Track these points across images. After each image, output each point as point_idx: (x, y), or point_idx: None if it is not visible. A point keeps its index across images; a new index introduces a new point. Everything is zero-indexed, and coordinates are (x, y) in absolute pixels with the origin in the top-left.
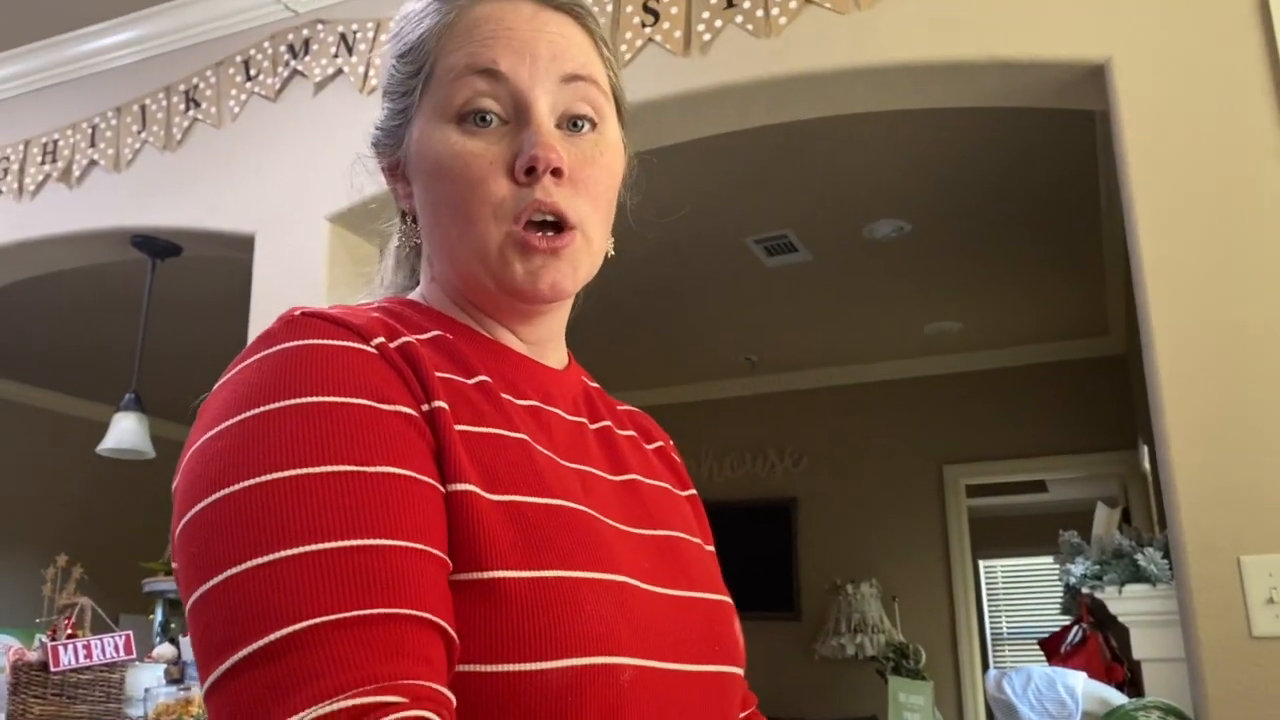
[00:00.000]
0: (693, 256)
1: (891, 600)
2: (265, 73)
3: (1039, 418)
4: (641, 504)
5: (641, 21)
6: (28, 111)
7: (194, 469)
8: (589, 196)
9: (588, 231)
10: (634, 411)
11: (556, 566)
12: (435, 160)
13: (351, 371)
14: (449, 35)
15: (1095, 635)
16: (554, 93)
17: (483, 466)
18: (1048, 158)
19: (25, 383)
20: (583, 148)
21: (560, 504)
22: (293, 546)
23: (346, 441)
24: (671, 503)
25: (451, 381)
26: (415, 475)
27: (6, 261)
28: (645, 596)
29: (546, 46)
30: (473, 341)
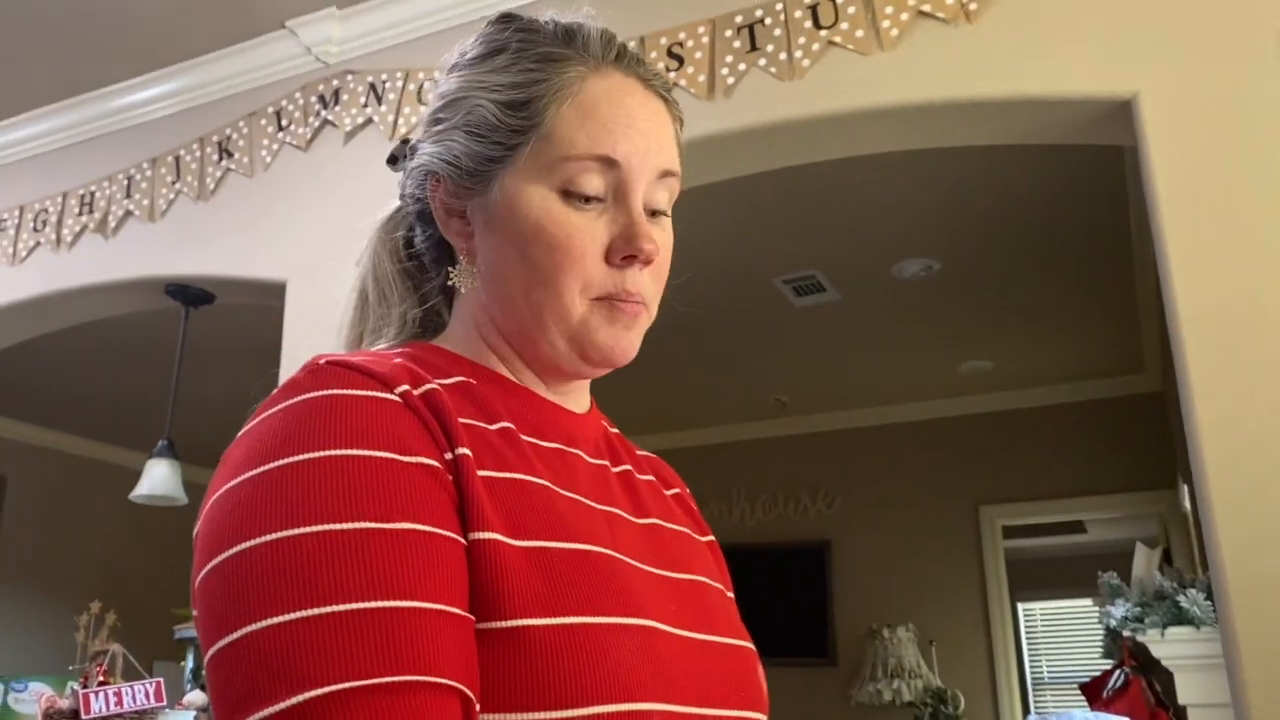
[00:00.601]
0: (721, 297)
1: (929, 645)
2: (296, 123)
3: (1075, 457)
4: (665, 547)
5: (666, 66)
6: (66, 165)
7: (216, 518)
8: (658, 279)
9: (651, 309)
10: (652, 457)
11: (582, 613)
12: (534, 224)
13: (374, 422)
14: (570, 105)
15: (1138, 680)
16: (650, 185)
17: (506, 513)
18: (1078, 192)
19: (61, 430)
20: (661, 235)
21: (586, 548)
22: (315, 606)
23: (368, 497)
24: (693, 547)
25: (474, 427)
26: (436, 530)
27: (45, 311)
28: (671, 640)
29: (655, 140)
30: (497, 386)
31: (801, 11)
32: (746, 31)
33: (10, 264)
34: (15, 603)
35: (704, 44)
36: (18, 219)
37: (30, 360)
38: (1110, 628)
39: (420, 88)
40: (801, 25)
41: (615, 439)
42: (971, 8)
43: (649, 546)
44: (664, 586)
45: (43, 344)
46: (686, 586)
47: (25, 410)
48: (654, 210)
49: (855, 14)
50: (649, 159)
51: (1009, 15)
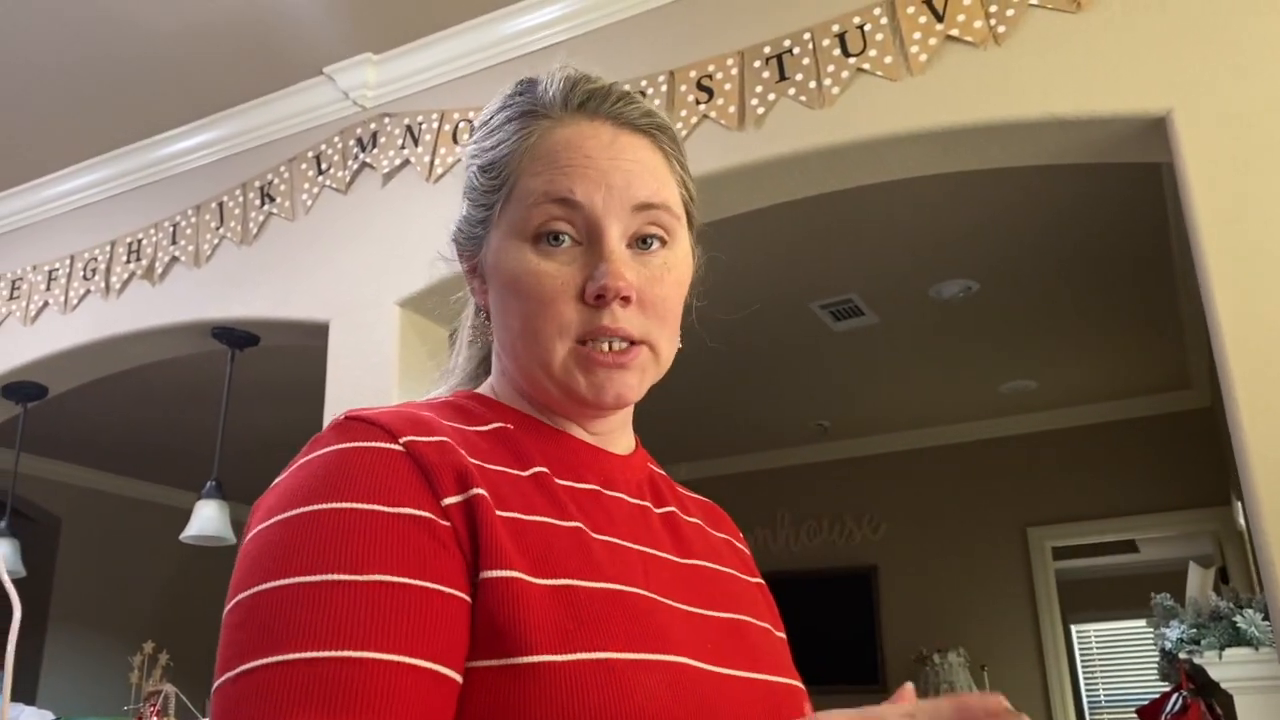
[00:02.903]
0: (759, 324)
1: (980, 669)
2: (336, 166)
3: (1124, 475)
4: (707, 586)
5: (696, 99)
6: (113, 214)
7: (236, 568)
8: (657, 315)
9: (656, 345)
10: (704, 501)
11: (608, 649)
12: (510, 274)
13: (366, 475)
14: (529, 158)
15: (1196, 703)
16: (625, 220)
17: (532, 552)
18: (1117, 209)
19: (113, 472)
20: (652, 267)
21: (615, 588)
22: (273, 654)
23: (342, 549)
24: (739, 587)
25: (502, 473)
26: (410, 581)
27: (95, 357)
28: (705, 677)
29: (621, 176)
30: (535, 432)
31: (829, 40)
32: (775, 62)
33: (62, 312)
34: (70, 643)
35: (733, 75)
36: (69, 268)
37: (83, 404)
38: (1166, 650)
39: (455, 128)
40: (830, 53)
41: (661, 480)
42: (1000, 30)
43: (690, 586)
44: (704, 625)
45: (95, 389)
46: (729, 625)
47: (79, 453)
48: (646, 237)
49: (883, 41)
50: (615, 194)
51: (1037, 37)
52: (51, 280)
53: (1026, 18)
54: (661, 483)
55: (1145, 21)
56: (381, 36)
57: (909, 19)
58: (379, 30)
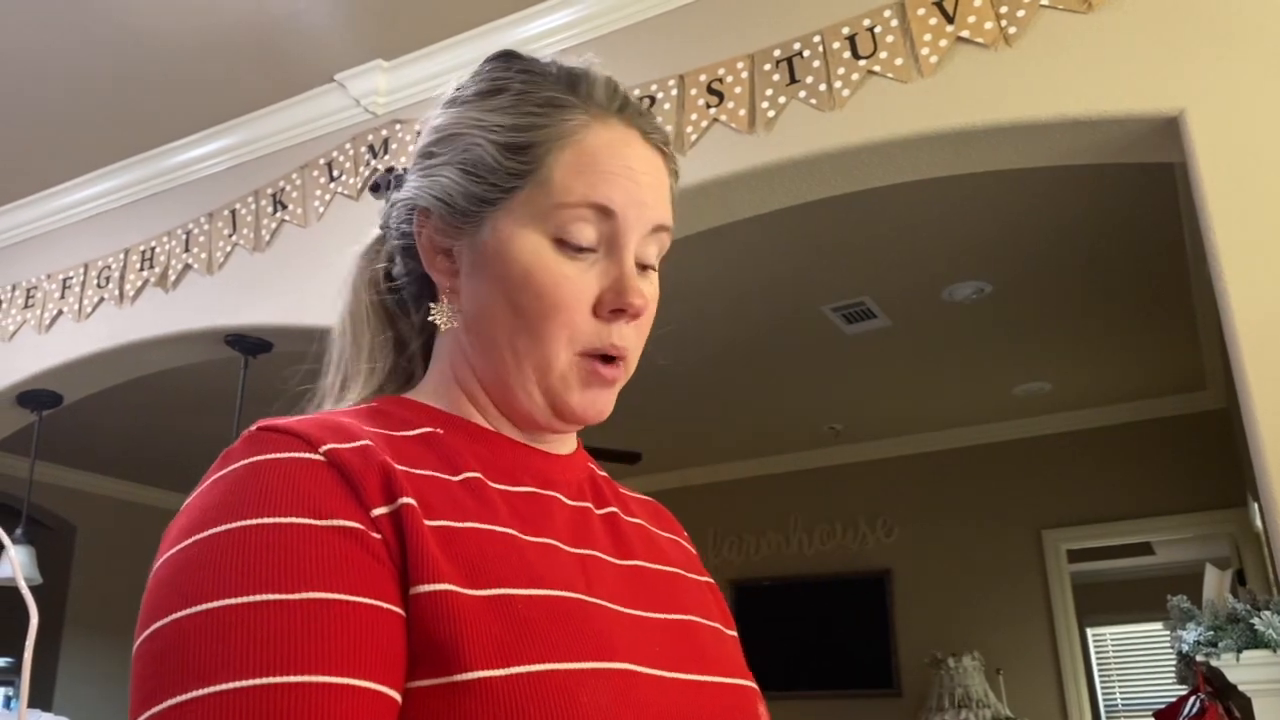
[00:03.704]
0: (771, 327)
1: (996, 673)
2: (347, 173)
3: (1139, 477)
4: (650, 588)
5: (706, 103)
6: (127, 222)
7: (146, 595)
8: (641, 333)
9: (630, 364)
10: (646, 500)
11: (547, 659)
12: (524, 269)
13: (290, 486)
14: (570, 152)
15: (1214, 706)
16: (642, 239)
17: (464, 562)
18: (1130, 209)
19: (126, 479)
20: (647, 290)
21: (553, 594)
22: (201, 686)
23: (270, 568)
24: (685, 586)
25: (431, 479)
26: (344, 597)
27: (110, 364)
28: (652, 682)
29: (651, 194)
30: (465, 434)
31: (840, 42)
32: (785, 64)
33: (77, 320)
34: (86, 649)
35: (743, 79)
36: (83, 276)
37: (97, 412)
38: (1183, 653)
39: None
40: (840, 56)
41: (602, 481)
42: (1010, 31)
43: (632, 588)
44: (647, 628)
45: (109, 396)
46: (676, 626)
47: (94, 461)
48: (643, 265)
49: (893, 43)
50: (644, 212)
51: (1048, 37)
52: (66, 288)
53: (1037, 18)
54: (603, 483)
55: (1157, 21)
56: (392, 43)
57: (919, 20)
58: (389, 37)
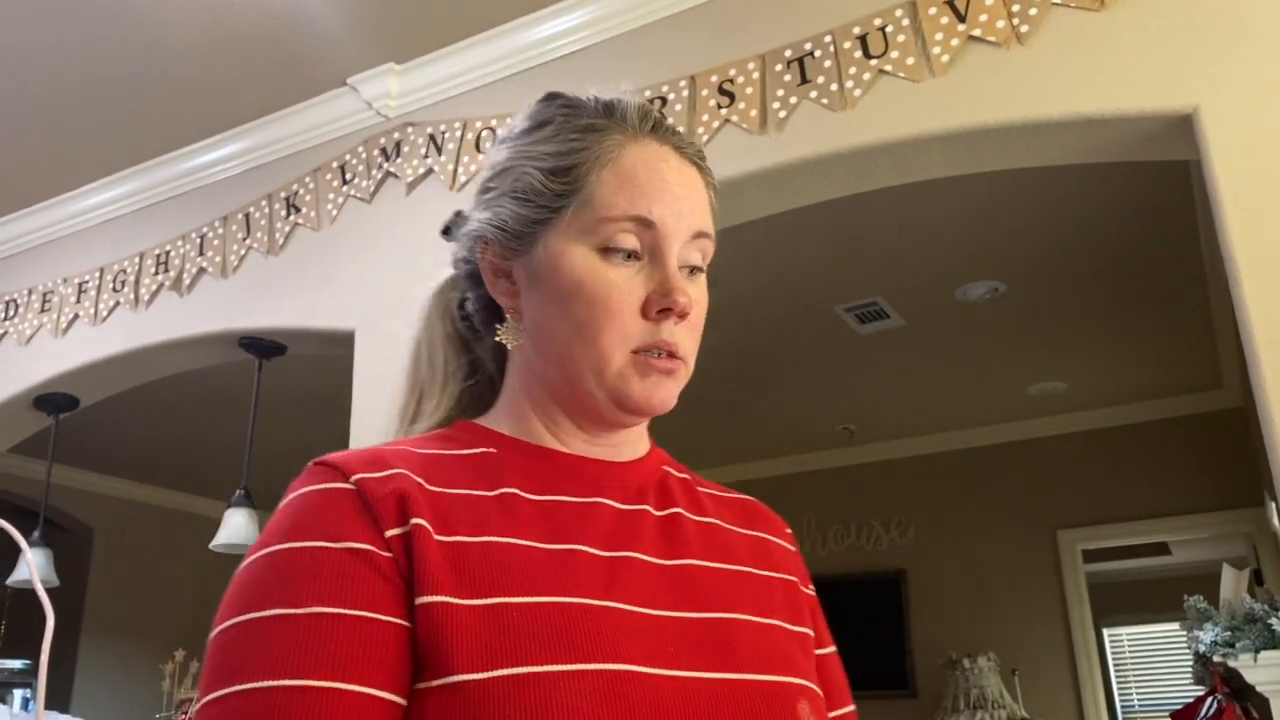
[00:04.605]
0: (784, 328)
1: (1011, 674)
2: (360, 176)
3: (1155, 477)
4: (691, 587)
5: (717, 104)
6: (141, 226)
7: (222, 600)
8: (694, 333)
9: (689, 362)
10: (737, 500)
11: (529, 663)
12: (575, 280)
13: (314, 514)
14: (609, 170)
15: (1231, 706)
16: (685, 245)
17: (468, 574)
18: (1144, 207)
19: (144, 481)
20: (696, 291)
21: (551, 600)
22: (234, 684)
23: (284, 586)
24: (741, 583)
25: (463, 496)
26: (342, 611)
27: (125, 368)
28: (648, 681)
29: (688, 203)
30: (518, 453)
31: (851, 42)
32: (796, 65)
33: (93, 324)
34: (103, 651)
35: (754, 79)
36: (98, 280)
37: (114, 415)
38: (1200, 653)
39: (478, 137)
40: (851, 55)
41: (677, 483)
42: (1023, 30)
43: (668, 587)
44: (668, 627)
45: (125, 399)
46: (705, 625)
47: (110, 463)
48: (690, 267)
49: (905, 42)
50: (683, 220)
51: (1060, 36)
52: (82, 293)
53: (1049, 16)
54: (677, 485)
55: (1170, 18)
56: (404, 46)
57: (931, 20)
58: (401, 40)
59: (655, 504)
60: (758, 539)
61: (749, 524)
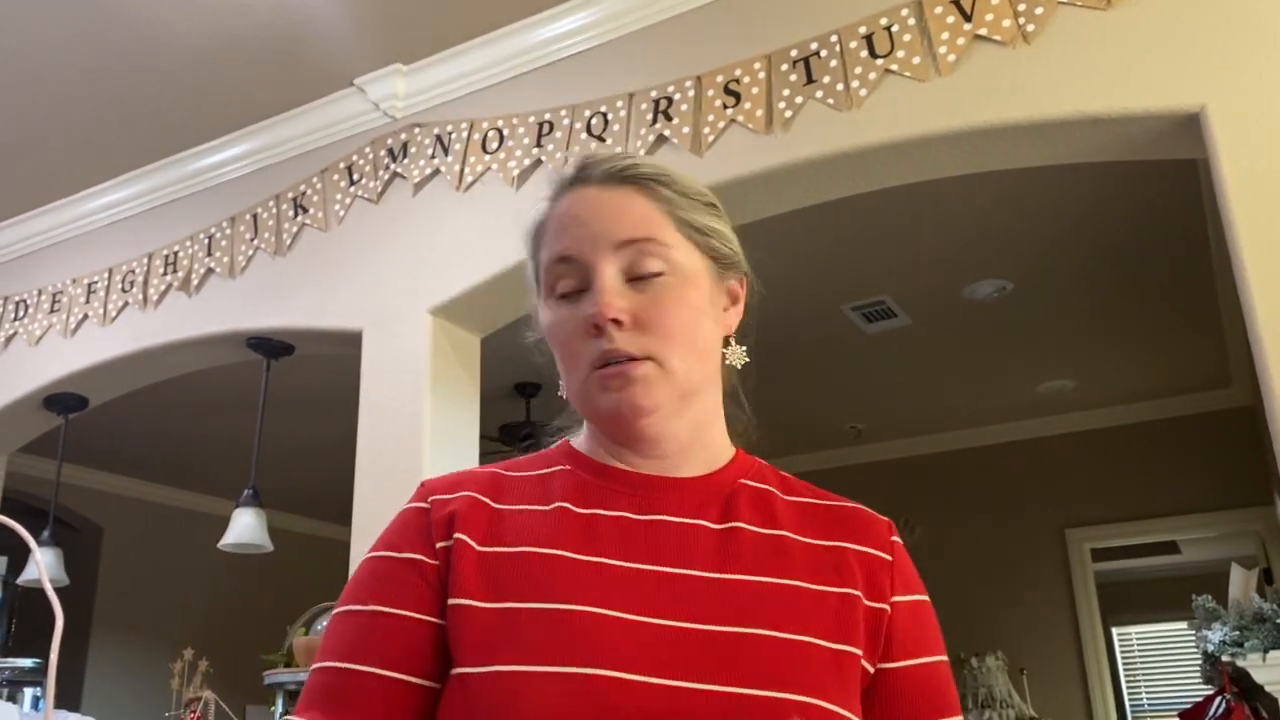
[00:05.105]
0: (791, 327)
1: (1019, 673)
2: (367, 176)
3: (1164, 475)
4: (722, 601)
5: (723, 104)
6: (150, 227)
7: None
8: (660, 333)
9: (665, 362)
10: (825, 508)
11: (515, 662)
12: (549, 330)
13: (394, 529)
14: (544, 233)
15: (1240, 706)
16: (614, 258)
17: (495, 580)
18: (1151, 206)
19: (154, 481)
20: (652, 293)
21: (558, 607)
22: (313, 663)
23: (360, 587)
24: (780, 599)
25: (516, 511)
26: (392, 610)
27: (134, 368)
28: (623, 687)
29: (600, 223)
30: (585, 468)
31: (856, 42)
32: (802, 64)
33: (102, 324)
34: (113, 650)
35: (760, 79)
36: (107, 280)
37: (123, 415)
38: (1208, 652)
39: (484, 137)
40: (857, 55)
41: (752, 495)
42: (1028, 29)
43: (693, 600)
44: (674, 638)
45: (134, 399)
46: (717, 638)
47: (119, 463)
48: (640, 276)
49: (911, 41)
50: (598, 241)
51: (1066, 35)
52: (91, 293)
53: (1055, 15)
54: (749, 497)
55: (1176, 17)
56: (410, 47)
57: (937, 19)
58: (408, 41)
59: (716, 518)
60: (832, 549)
61: (832, 534)
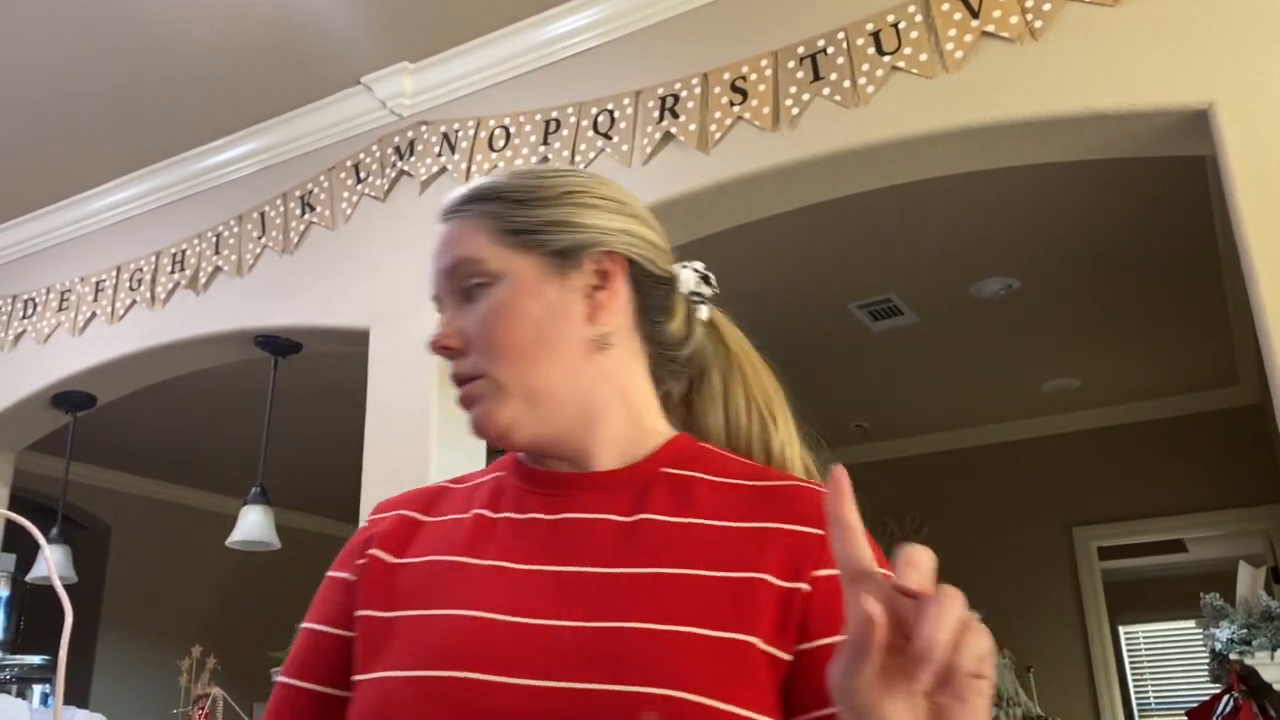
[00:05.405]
0: (796, 324)
1: (1026, 671)
2: (374, 174)
3: (1171, 474)
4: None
5: (730, 101)
6: (157, 225)
7: None
8: (485, 349)
9: (495, 376)
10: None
11: (387, 669)
12: None
13: (344, 549)
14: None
15: (1248, 704)
16: (449, 288)
17: (394, 591)
18: (1159, 203)
19: (159, 479)
20: (476, 310)
21: (434, 613)
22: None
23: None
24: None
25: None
26: (316, 626)
27: (142, 366)
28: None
29: (436, 260)
30: (515, 474)
31: (864, 39)
32: (809, 61)
33: (110, 322)
34: (121, 647)
35: (767, 76)
36: (115, 279)
37: (130, 413)
38: (1216, 651)
39: (491, 135)
40: (864, 52)
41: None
42: (1036, 25)
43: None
44: (541, 637)
45: (142, 397)
46: (584, 636)
47: (127, 461)
48: (470, 299)
49: (918, 38)
50: (436, 277)
51: (1074, 31)
52: (99, 291)
53: (1063, 12)
54: (662, 485)
55: (1185, 13)
56: (417, 45)
57: (944, 16)
58: (415, 39)
59: (624, 510)
60: (751, 532)
61: (756, 515)
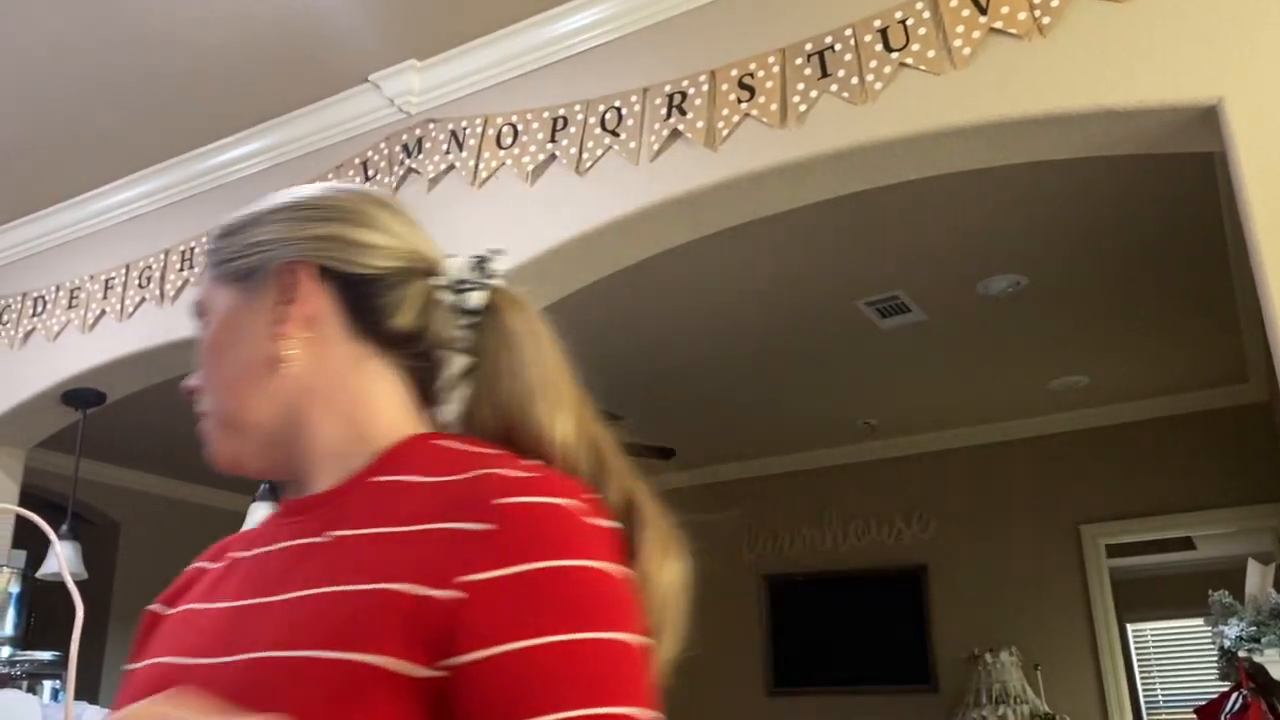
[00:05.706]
0: (803, 322)
1: (1034, 669)
2: (382, 172)
3: (1179, 471)
4: (246, 627)
5: (737, 98)
6: (167, 223)
7: None
8: (205, 386)
9: (210, 410)
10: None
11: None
12: None
13: None
14: None
15: (1257, 702)
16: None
17: (144, 645)
18: (1168, 200)
19: (169, 476)
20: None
21: (140, 665)
22: None
23: None
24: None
25: (201, 570)
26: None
27: (152, 363)
28: None
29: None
30: (279, 508)
31: (871, 35)
32: (817, 58)
33: (119, 320)
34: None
35: (774, 73)
36: (124, 276)
37: (140, 410)
38: (1224, 648)
39: (499, 133)
40: (872, 49)
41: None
42: (1044, 21)
43: (224, 634)
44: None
45: (151, 394)
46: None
47: (136, 458)
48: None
49: (926, 35)
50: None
51: (1082, 27)
52: (108, 289)
53: (1071, 8)
54: (365, 497)
55: (1193, 8)
56: (425, 43)
57: (951, 12)
58: (422, 37)
59: (317, 530)
60: (414, 535)
61: (429, 516)
